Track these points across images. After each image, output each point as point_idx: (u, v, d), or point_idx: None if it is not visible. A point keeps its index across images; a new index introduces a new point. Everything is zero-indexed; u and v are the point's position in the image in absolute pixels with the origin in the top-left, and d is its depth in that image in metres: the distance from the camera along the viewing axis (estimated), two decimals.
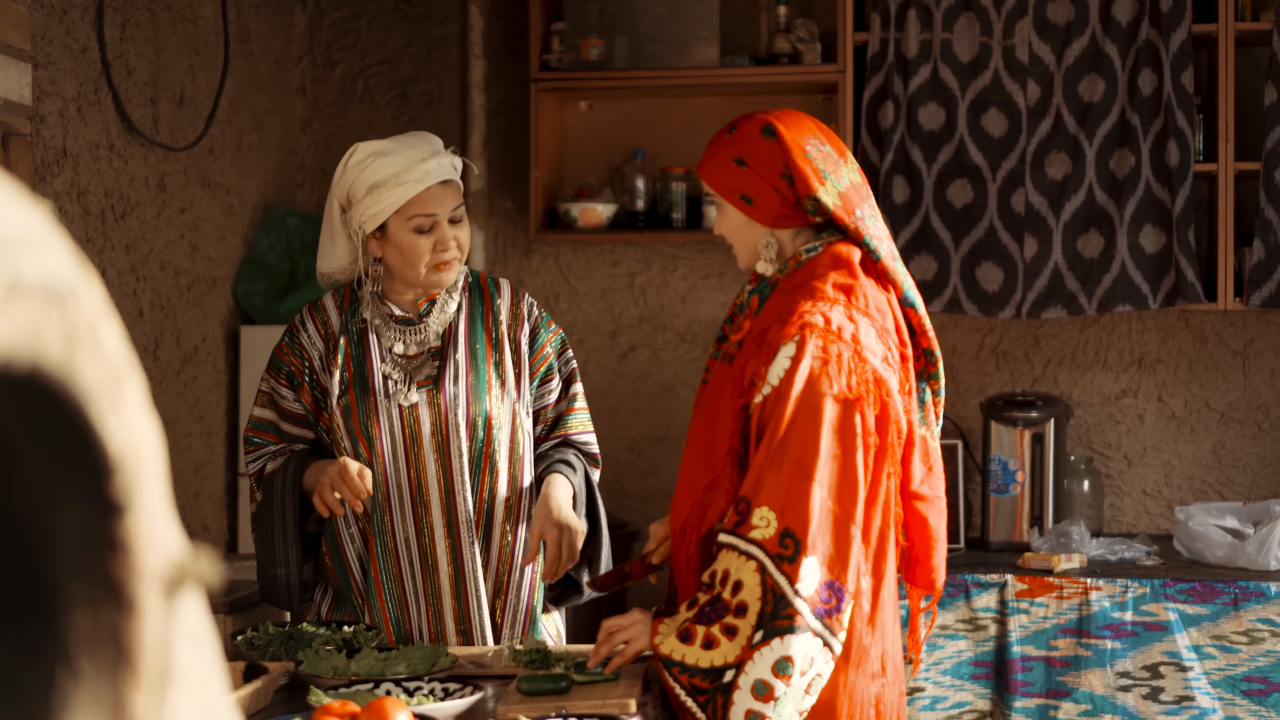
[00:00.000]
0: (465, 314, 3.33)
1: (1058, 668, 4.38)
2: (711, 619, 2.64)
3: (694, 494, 2.80)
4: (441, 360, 3.29)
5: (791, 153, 2.84)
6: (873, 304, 2.81)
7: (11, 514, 0.97)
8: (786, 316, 2.74)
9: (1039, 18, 4.86)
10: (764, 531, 2.62)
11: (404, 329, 3.31)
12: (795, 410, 2.66)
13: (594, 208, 5.26)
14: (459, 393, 3.26)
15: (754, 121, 2.89)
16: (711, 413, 2.81)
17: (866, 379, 2.71)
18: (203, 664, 1.05)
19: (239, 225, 5.16)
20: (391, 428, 3.25)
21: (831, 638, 2.63)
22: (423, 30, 5.62)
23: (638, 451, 5.48)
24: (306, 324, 3.35)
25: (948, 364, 5.26)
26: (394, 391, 3.27)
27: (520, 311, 3.36)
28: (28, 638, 0.99)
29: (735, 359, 2.81)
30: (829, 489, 2.65)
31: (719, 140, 2.92)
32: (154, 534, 0.98)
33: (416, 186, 3.21)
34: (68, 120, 4.18)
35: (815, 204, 2.83)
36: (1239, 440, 5.11)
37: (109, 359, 0.94)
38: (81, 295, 0.92)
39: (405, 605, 3.26)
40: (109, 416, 0.94)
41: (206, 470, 4.95)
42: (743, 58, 5.17)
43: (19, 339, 0.86)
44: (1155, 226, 4.79)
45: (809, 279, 2.79)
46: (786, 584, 2.60)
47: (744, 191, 2.86)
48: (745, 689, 2.60)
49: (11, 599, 0.99)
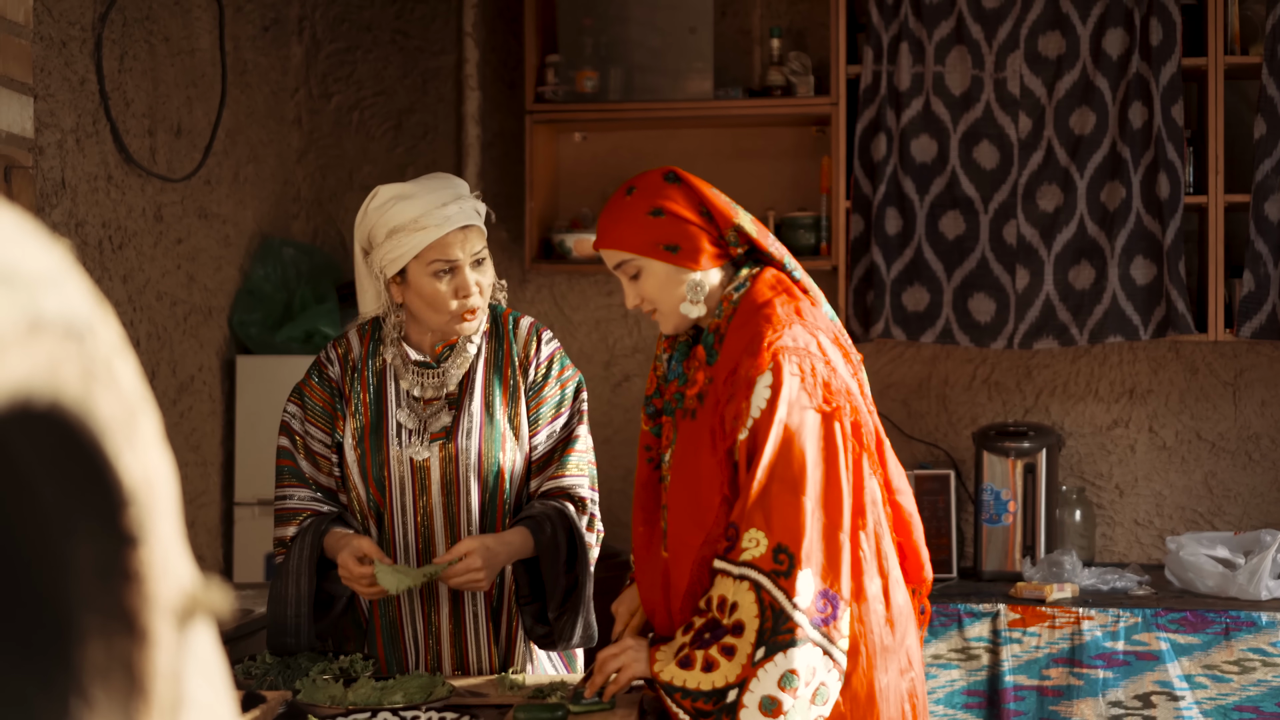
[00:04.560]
0: (484, 360, 3.28)
1: (1050, 697, 4.40)
2: (709, 642, 2.66)
3: (691, 555, 2.79)
4: (457, 410, 3.24)
5: (702, 191, 2.88)
6: (818, 317, 2.86)
7: (28, 545, 0.99)
8: (753, 348, 2.75)
9: (1030, 51, 4.90)
10: (754, 551, 2.64)
11: (422, 372, 3.27)
12: (780, 431, 2.68)
13: (588, 238, 5.28)
14: (471, 447, 3.22)
15: (650, 176, 2.91)
16: (691, 472, 2.80)
17: (839, 389, 2.75)
18: (214, 694, 1.06)
19: (235, 255, 5.18)
20: (402, 479, 3.23)
21: (831, 646, 2.65)
22: (418, 62, 5.65)
23: (631, 481, 5.49)
24: (331, 358, 3.32)
25: (940, 395, 5.28)
26: (407, 444, 3.23)
27: (529, 356, 3.28)
28: (41, 667, 1.00)
29: (700, 412, 2.81)
30: (817, 500, 2.68)
31: (621, 204, 2.90)
32: (167, 565, 1.00)
33: (436, 231, 3.14)
34: (66, 152, 4.21)
35: (737, 233, 2.87)
36: (1230, 470, 5.13)
37: (124, 394, 0.96)
38: (98, 331, 0.94)
39: (403, 646, 3.26)
40: (124, 450, 0.96)
41: (202, 500, 4.96)
42: (736, 90, 5.20)
43: (39, 375, 0.88)
44: (1146, 258, 4.82)
45: (756, 310, 2.81)
46: (784, 598, 2.62)
47: (668, 241, 2.85)
48: (752, 706, 2.62)
49: (26, 629, 1.01)
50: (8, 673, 1.00)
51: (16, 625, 1.00)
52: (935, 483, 4.96)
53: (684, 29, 5.20)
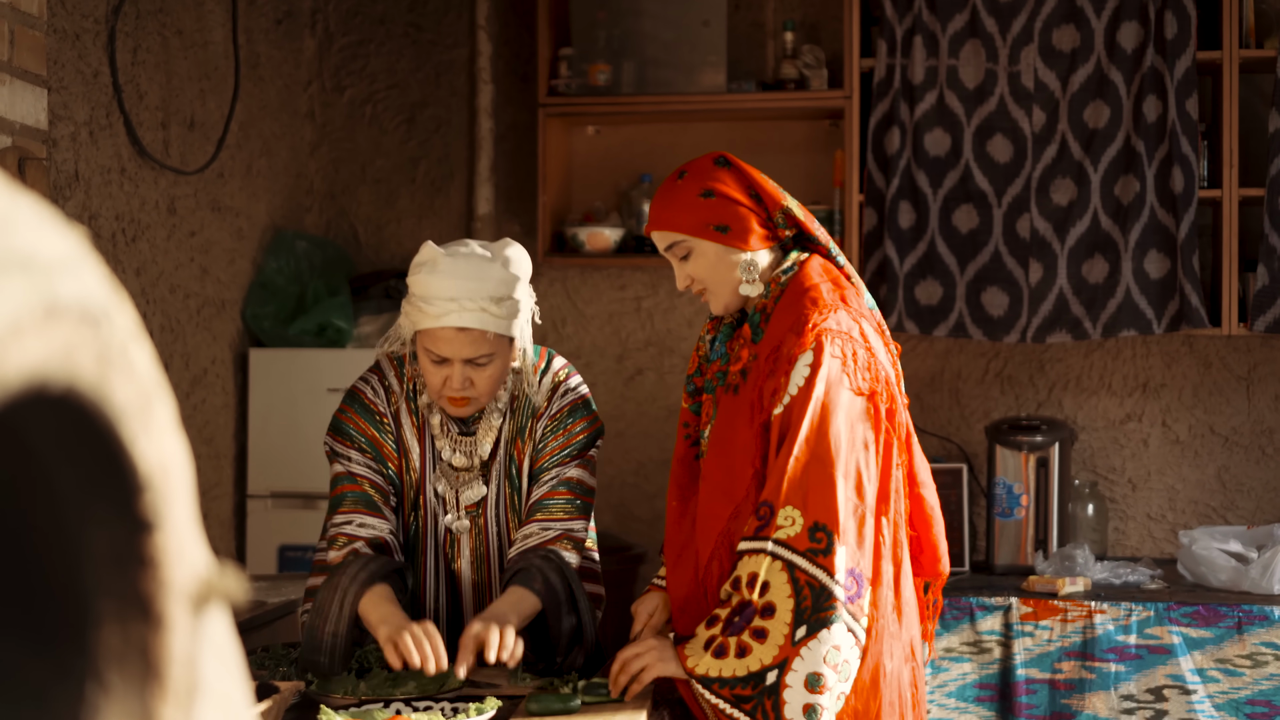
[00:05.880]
0: (508, 423, 3.20)
1: (1062, 690, 4.39)
2: (741, 627, 2.69)
3: (718, 526, 2.83)
4: (486, 481, 3.19)
5: (752, 174, 2.95)
6: (863, 304, 2.93)
7: (44, 530, 0.99)
8: (799, 327, 2.80)
9: (1044, 44, 4.89)
10: (790, 530, 2.68)
11: (458, 439, 3.19)
12: (816, 410, 2.74)
13: (601, 232, 5.29)
14: (499, 517, 3.20)
15: (702, 160, 2.97)
16: (727, 445, 2.85)
17: (878, 375, 2.81)
18: (229, 679, 1.07)
19: (248, 249, 5.19)
20: (436, 549, 3.22)
21: (854, 623, 2.69)
22: (431, 55, 5.65)
23: (644, 474, 5.50)
24: (375, 392, 3.23)
25: (953, 388, 5.28)
26: (442, 513, 3.20)
27: (542, 412, 3.19)
28: (57, 652, 1.01)
29: (742, 388, 2.85)
30: (849, 480, 2.71)
31: (673, 187, 2.95)
32: (182, 551, 1.00)
33: (431, 321, 3.02)
34: (79, 144, 4.21)
35: (785, 215, 2.93)
36: (1243, 465, 5.12)
37: (140, 380, 0.97)
38: (114, 317, 0.94)
39: None
40: (140, 436, 0.97)
41: (215, 492, 4.96)
42: (749, 83, 5.20)
43: (55, 360, 0.88)
44: (1160, 252, 4.81)
45: (803, 292, 2.86)
46: (825, 576, 2.66)
47: (718, 221, 2.91)
48: (797, 685, 2.65)
49: (42, 614, 1.01)
50: (24, 657, 1.00)
51: (33, 610, 1.01)
52: (948, 476, 4.96)
53: (697, 22, 5.19)
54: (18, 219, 0.87)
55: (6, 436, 0.93)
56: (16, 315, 0.84)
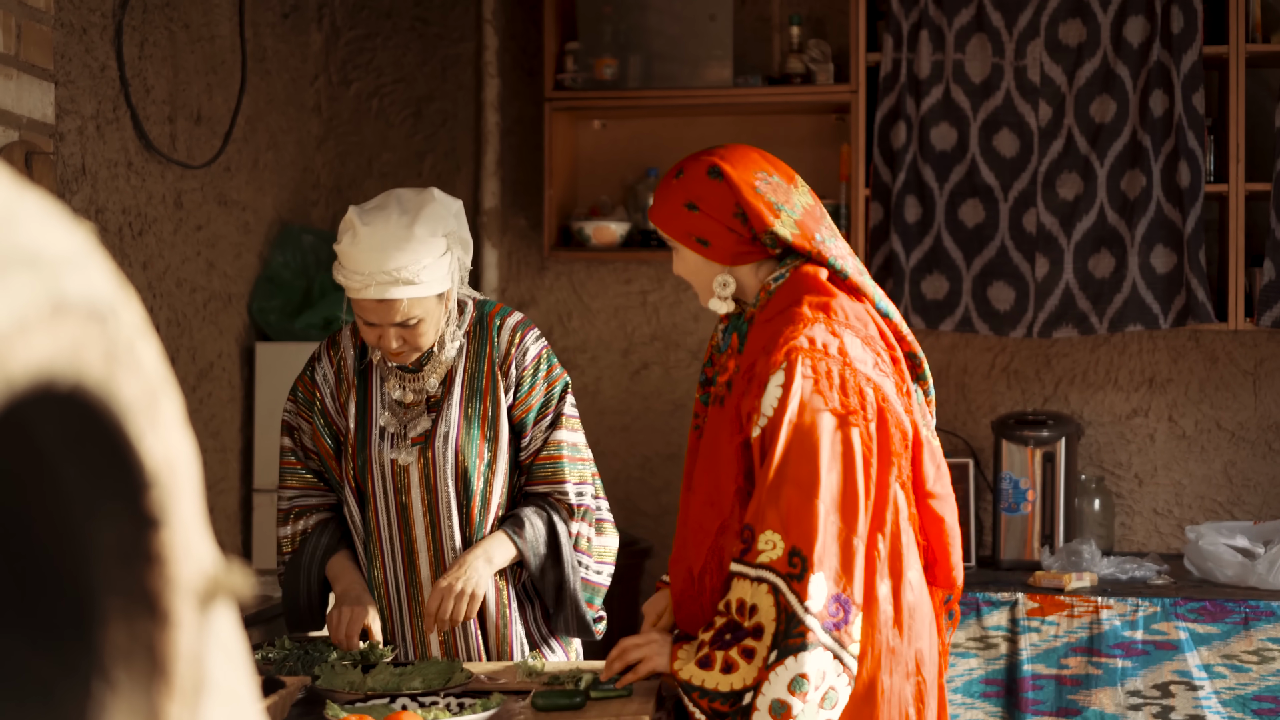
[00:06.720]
0: (465, 360, 3.25)
1: (1068, 686, 4.39)
2: (730, 643, 2.65)
3: (707, 539, 2.80)
4: (436, 414, 3.24)
5: (741, 191, 2.83)
6: (852, 315, 2.82)
7: (50, 527, 0.99)
8: (771, 346, 2.74)
9: (1051, 39, 4.88)
10: (771, 554, 2.63)
11: (405, 375, 3.26)
12: (791, 433, 2.66)
13: (607, 226, 5.29)
14: (448, 451, 3.22)
15: (699, 164, 2.88)
16: (712, 457, 2.81)
17: (860, 390, 2.72)
18: (235, 676, 1.07)
19: (255, 242, 5.19)
20: (385, 484, 3.25)
21: (842, 650, 2.63)
22: (437, 49, 5.65)
23: (650, 469, 5.50)
24: (323, 359, 3.36)
25: (959, 383, 5.28)
26: (389, 448, 3.25)
27: (510, 355, 3.25)
28: (64, 648, 1.01)
29: (726, 400, 2.81)
30: (832, 504, 2.66)
31: (667, 186, 2.90)
32: (189, 547, 1.00)
33: (354, 293, 3.10)
34: (86, 138, 4.21)
35: (773, 238, 2.83)
36: (1250, 460, 5.12)
37: (147, 376, 0.96)
38: (121, 313, 0.94)
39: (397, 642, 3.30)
40: (146, 432, 0.96)
41: (221, 486, 4.97)
42: (755, 78, 5.19)
43: (62, 357, 0.88)
44: (1166, 247, 4.81)
45: (785, 306, 2.80)
46: (796, 602, 2.61)
47: (698, 235, 2.86)
48: (763, 710, 2.61)
49: (48, 610, 1.01)
50: (31, 654, 1.00)
51: (39, 607, 1.01)
52: (954, 471, 4.94)
53: (703, 16, 5.19)
54: (24, 214, 0.87)
55: (14, 433, 0.93)
56: (23, 312, 0.84)
